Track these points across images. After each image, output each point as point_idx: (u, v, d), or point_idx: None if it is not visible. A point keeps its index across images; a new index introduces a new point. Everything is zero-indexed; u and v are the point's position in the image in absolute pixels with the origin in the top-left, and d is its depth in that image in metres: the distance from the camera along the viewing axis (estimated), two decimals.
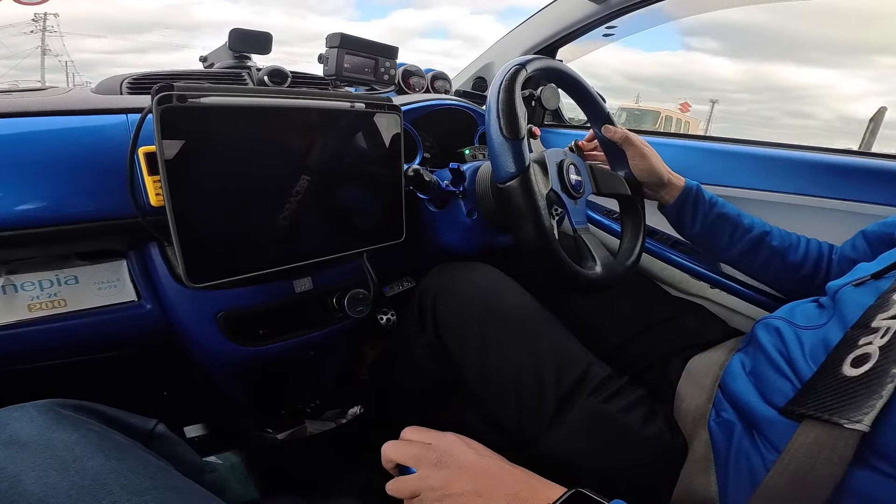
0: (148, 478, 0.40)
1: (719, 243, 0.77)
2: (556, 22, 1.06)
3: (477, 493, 0.43)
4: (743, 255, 0.76)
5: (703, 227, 0.76)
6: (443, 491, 0.44)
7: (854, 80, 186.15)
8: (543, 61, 0.67)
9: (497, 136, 0.57)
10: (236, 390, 0.75)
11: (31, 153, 0.54)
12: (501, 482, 0.44)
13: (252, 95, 0.56)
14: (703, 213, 0.75)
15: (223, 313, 0.64)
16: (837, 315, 0.53)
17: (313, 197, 0.62)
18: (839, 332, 0.48)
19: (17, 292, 0.58)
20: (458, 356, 0.66)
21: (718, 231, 0.76)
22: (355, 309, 0.70)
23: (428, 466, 0.46)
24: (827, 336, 0.50)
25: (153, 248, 0.62)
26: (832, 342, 0.48)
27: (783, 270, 0.75)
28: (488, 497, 0.43)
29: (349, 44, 0.67)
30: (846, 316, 0.50)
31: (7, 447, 0.38)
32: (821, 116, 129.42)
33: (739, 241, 0.75)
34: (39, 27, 38.03)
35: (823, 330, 0.52)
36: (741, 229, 0.75)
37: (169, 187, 0.50)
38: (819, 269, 0.73)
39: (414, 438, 0.50)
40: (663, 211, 0.79)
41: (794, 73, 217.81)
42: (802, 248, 0.74)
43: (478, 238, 0.76)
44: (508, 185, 0.57)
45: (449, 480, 0.45)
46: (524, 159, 0.57)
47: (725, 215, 0.75)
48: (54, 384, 0.58)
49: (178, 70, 0.77)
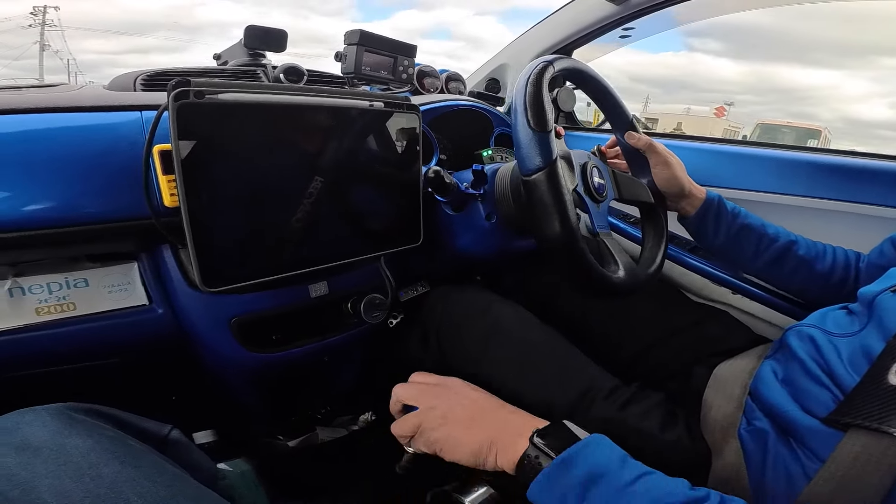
0: (164, 486, 0.39)
1: (744, 255, 0.76)
2: (572, 23, 1.05)
3: (471, 419, 0.49)
4: (769, 265, 0.75)
5: (726, 238, 0.75)
6: (442, 420, 0.50)
7: (857, 81, 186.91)
8: (570, 62, 0.66)
9: (524, 129, 0.56)
10: (248, 397, 0.73)
11: (41, 150, 0.52)
12: (496, 413, 0.50)
13: (270, 92, 0.54)
14: (727, 224, 0.75)
15: (237, 319, 0.62)
16: (875, 322, 0.52)
17: (330, 199, 0.61)
18: (879, 340, 0.48)
19: (24, 295, 0.56)
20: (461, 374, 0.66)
21: (743, 242, 0.75)
22: (371, 314, 0.68)
23: (430, 398, 0.52)
24: (865, 344, 0.49)
25: (166, 251, 0.60)
26: (872, 350, 0.47)
27: (810, 280, 0.74)
28: (481, 424, 0.49)
29: (369, 41, 0.66)
30: (886, 323, 0.49)
31: (19, 452, 0.37)
32: (823, 118, 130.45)
33: (765, 252, 0.74)
34: (38, 21, 35.08)
35: (860, 338, 0.51)
36: (766, 240, 0.74)
37: (185, 187, 0.48)
38: (847, 277, 0.72)
39: (421, 381, 0.56)
40: (684, 223, 0.78)
41: (797, 74, 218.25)
42: (830, 258, 0.73)
43: (496, 242, 0.75)
44: (534, 178, 0.55)
45: (449, 410, 0.50)
46: (552, 152, 0.56)
47: (749, 226, 0.75)
48: (63, 389, 0.56)
49: (193, 67, 0.76)
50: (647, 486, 0.40)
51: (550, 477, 0.42)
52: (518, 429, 0.46)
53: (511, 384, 0.61)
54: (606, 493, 0.39)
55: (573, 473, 0.41)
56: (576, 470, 0.41)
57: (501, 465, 0.46)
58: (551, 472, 0.42)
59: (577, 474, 0.41)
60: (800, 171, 0.87)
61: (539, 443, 0.44)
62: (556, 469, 0.42)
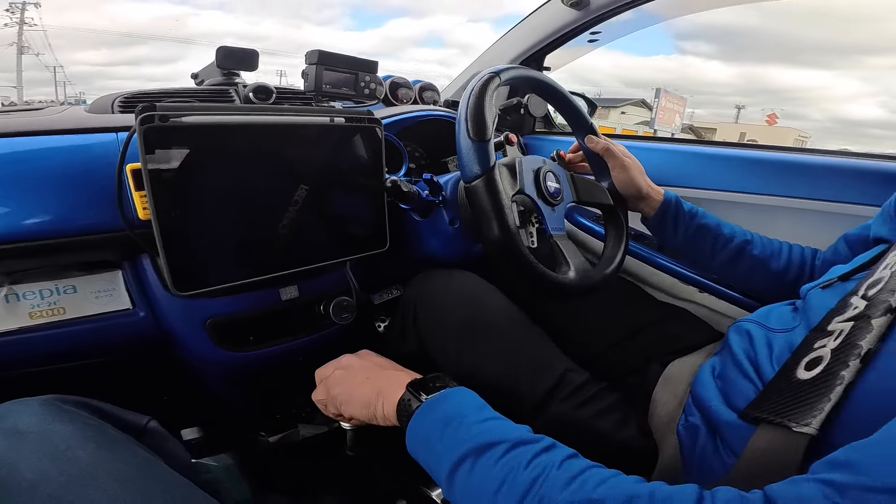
0: (135, 468, 0.43)
1: (701, 255, 0.77)
2: (540, 30, 1.08)
3: (366, 377, 0.55)
4: (725, 265, 0.76)
5: (684, 238, 0.76)
6: (341, 378, 0.57)
7: (846, 80, 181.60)
8: (518, 70, 0.68)
9: (464, 139, 0.59)
10: (229, 394, 0.78)
11: (31, 170, 0.58)
12: (387, 372, 0.56)
13: (233, 113, 0.59)
14: (684, 224, 0.76)
15: (212, 320, 0.67)
16: (804, 318, 0.53)
17: (297, 208, 0.65)
18: (804, 334, 0.49)
19: (18, 301, 0.61)
20: (440, 364, 0.67)
21: (700, 242, 0.76)
22: (340, 316, 0.73)
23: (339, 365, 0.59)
24: (793, 339, 0.50)
25: (145, 259, 0.65)
26: (796, 344, 0.48)
27: (767, 278, 0.75)
28: (373, 380, 0.54)
29: (327, 59, 0.70)
30: (811, 319, 0.50)
31: (7, 436, 0.42)
32: (813, 117, 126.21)
33: (721, 252, 0.75)
34: (15, 20, 29.59)
35: (793, 333, 0.52)
36: (722, 239, 0.75)
37: (154, 202, 0.53)
38: (802, 274, 0.73)
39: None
40: (646, 223, 0.80)
41: (786, 74, 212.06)
42: (785, 255, 0.74)
43: (460, 246, 0.78)
44: (474, 185, 0.59)
45: (347, 371, 0.57)
46: (489, 160, 0.59)
47: (706, 226, 0.76)
48: (56, 388, 0.61)
49: (167, 88, 0.81)
50: (494, 426, 0.43)
51: (417, 419, 0.46)
52: (402, 381, 0.51)
53: (482, 376, 0.62)
54: (459, 430, 0.43)
55: (434, 417, 0.45)
56: (436, 413, 0.45)
57: (387, 414, 0.50)
58: (418, 415, 0.46)
59: (437, 417, 0.45)
60: (757, 169, 0.88)
61: (411, 389, 0.49)
62: (422, 412, 0.46)
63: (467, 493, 0.40)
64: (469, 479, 0.40)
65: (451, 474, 0.41)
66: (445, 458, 0.42)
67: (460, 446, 0.41)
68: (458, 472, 0.40)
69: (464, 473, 0.40)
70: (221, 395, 0.78)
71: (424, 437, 0.45)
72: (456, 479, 0.41)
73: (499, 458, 0.40)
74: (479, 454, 0.40)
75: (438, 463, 0.43)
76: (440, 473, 0.42)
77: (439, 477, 0.43)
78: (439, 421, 0.44)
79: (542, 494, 0.36)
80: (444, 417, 0.44)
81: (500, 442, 0.41)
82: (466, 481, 0.40)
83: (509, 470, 0.38)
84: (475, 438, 0.41)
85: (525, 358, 0.63)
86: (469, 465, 0.40)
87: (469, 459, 0.40)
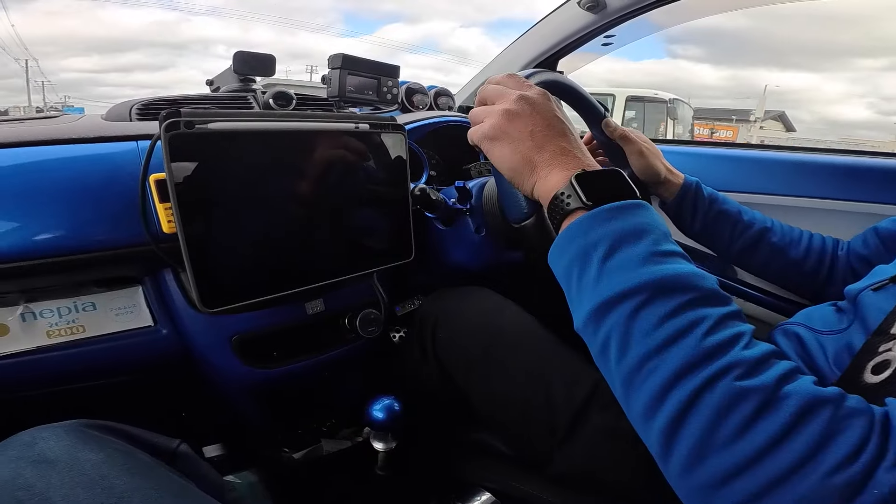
0: (172, 495, 0.41)
1: (720, 241, 0.75)
2: (555, 33, 1.07)
3: (531, 135, 0.44)
4: (743, 252, 0.74)
5: (703, 224, 0.75)
6: (505, 120, 0.45)
7: (835, 83, 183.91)
8: (538, 76, 0.67)
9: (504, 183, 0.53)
10: (253, 411, 0.76)
11: (45, 182, 0.55)
12: (556, 139, 0.44)
13: (258, 120, 0.57)
14: (703, 210, 0.74)
15: (238, 336, 0.64)
16: (859, 320, 0.52)
17: (322, 219, 0.63)
18: (862, 338, 0.47)
19: (36, 319, 0.59)
20: (462, 383, 0.66)
21: (719, 228, 0.74)
22: (367, 329, 0.71)
23: (507, 102, 0.46)
24: (850, 341, 0.49)
25: (168, 274, 0.63)
26: (855, 347, 0.47)
27: (786, 267, 0.73)
28: (540, 143, 0.44)
29: (351, 64, 0.68)
30: (868, 321, 0.49)
31: (35, 466, 0.40)
32: (802, 119, 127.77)
33: (739, 239, 0.73)
34: None
35: (846, 335, 0.51)
36: (741, 226, 0.73)
37: (180, 214, 0.51)
38: (822, 264, 0.71)
39: (509, 81, 0.50)
40: (664, 208, 0.78)
41: (776, 77, 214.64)
42: (805, 244, 0.73)
43: (487, 255, 0.76)
44: (524, 226, 0.54)
45: (519, 111, 0.45)
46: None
47: (726, 212, 0.74)
48: (76, 407, 0.59)
49: (185, 95, 0.79)
50: (680, 266, 0.36)
51: (574, 229, 0.39)
52: (568, 165, 0.42)
53: (512, 393, 0.61)
54: (633, 255, 0.36)
55: (599, 232, 0.37)
56: (620, 222, 0.37)
57: (538, 195, 0.44)
58: (579, 224, 0.38)
59: (606, 232, 0.37)
60: (787, 170, 0.88)
61: (576, 185, 0.40)
62: (588, 221, 0.38)
63: (623, 333, 0.34)
64: (631, 320, 0.34)
65: (609, 307, 0.35)
66: (603, 288, 0.35)
67: (631, 277, 0.35)
68: (619, 306, 0.34)
69: (624, 310, 0.34)
70: (244, 411, 0.75)
71: (585, 246, 0.38)
72: (611, 314, 0.35)
73: (680, 307, 0.33)
74: (656, 294, 0.34)
75: (588, 289, 0.37)
76: (586, 298, 0.37)
77: (581, 302, 0.37)
78: (608, 236, 0.37)
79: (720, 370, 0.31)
80: (622, 231, 0.37)
81: (687, 288, 0.34)
82: (626, 321, 0.34)
83: (688, 326, 0.33)
84: (654, 272, 0.34)
85: (555, 369, 0.61)
86: (637, 302, 0.34)
87: (639, 296, 0.34)
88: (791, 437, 0.29)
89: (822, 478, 0.28)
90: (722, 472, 0.30)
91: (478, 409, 0.65)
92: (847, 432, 0.29)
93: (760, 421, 0.30)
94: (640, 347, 0.33)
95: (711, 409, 0.30)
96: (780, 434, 0.29)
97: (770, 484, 0.28)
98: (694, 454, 0.31)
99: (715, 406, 0.30)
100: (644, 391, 0.33)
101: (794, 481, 0.28)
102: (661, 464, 0.33)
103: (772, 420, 0.29)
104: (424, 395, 0.73)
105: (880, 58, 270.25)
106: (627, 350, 0.34)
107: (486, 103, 0.49)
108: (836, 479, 0.27)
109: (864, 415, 0.30)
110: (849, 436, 0.29)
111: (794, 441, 0.29)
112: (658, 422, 0.32)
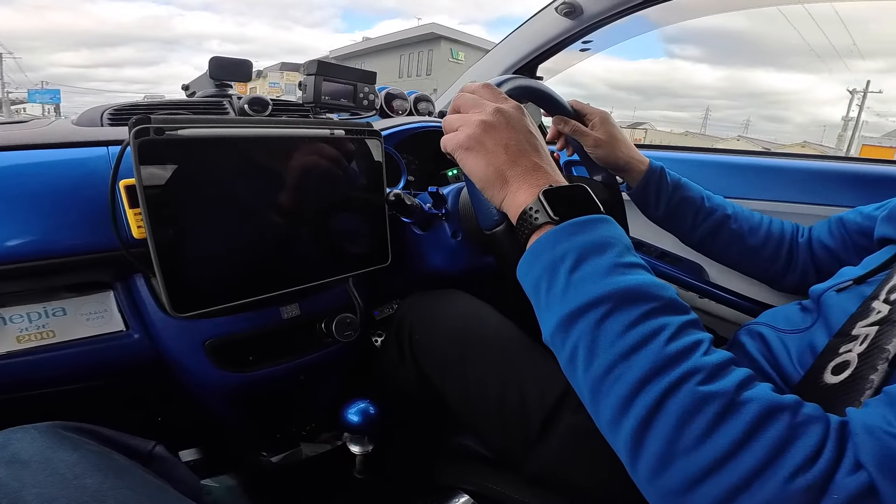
0: (145, 496, 0.41)
1: (683, 226, 0.76)
2: (533, 39, 1.09)
3: (506, 148, 0.45)
4: (705, 238, 0.75)
5: (666, 209, 0.75)
6: (479, 131, 0.45)
7: (829, 84, 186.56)
8: (513, 82, 0.67)
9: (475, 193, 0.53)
10: (229, 415, 0.75)
11: (15, 187, 0.55)
12: (528, 154, 0.45)
13: (230, 126, 0.57)
14: (667, 195, 0.75)
15: (211, 341, 0.64)
16: (822, 320, 0.53)
17: (296, 224, 0.63)
18: (825, 338, 0.49)
19: (5, 325, 0.58)
20: (439, 385, 0.66)
21: (682, 214, 0.75)
22: (343, 333, 0.71)
23: (482, 113, 0.46)
24: (813, 341, 0.50)
25: (139, 279, 0.62)
26: (818, 347, 0.48)
27: (744, 252, 0.74)
28: (514, 158, 0.44)
29: (327, 70, 0.68)
30: (831, 322, 0.50)
31: (9, 466, 0.40)
32: (795, 121, 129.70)
33: (701, 225, 0.74)
34: None
35: (809, 334, 0.52)
36: (703, 212, 0.74)
37: (150, 220, 0.51)
38: (780, 249, 0.73)
39: (485, 92, 0.50)
40: (630, 194, 0.78)
41: (771, 78, 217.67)
42: (764, 230, 0.74)
43: (464, 259, 0.77)
44: (495, 233, 0.54)
45: (490, 126, 0.45)
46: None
47: (689, 198, 0.75)
48: (50, 411, 0.58)
49: (159, 100, 0.79)
50: (643, 276, 0.37)
51: (543, 242, 0.40)
52: (536, 182, 0.43)
53: (487, 394, 0.61)
54: (598, 267, 0.37)
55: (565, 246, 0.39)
56: (572, 241, 0.39)
57: (507, 209, 0.44)
58: (547, 238, 0.39)
59: (571, 246, 0.38)
60: (767, 176, 0.89)
61: (544, 201, 0.41)
62: (554, 235, 0.39)
63: (590, 342, 0.35)
64: (597, 329, 0.35)
65: (576, 316, 0.36)
66: (570, 299, 0.37)
67: (596, 288, 0.36)
68: (586, 316, 0.36)
69: (590, 320, 0.35)
70: (221, 415, 0.75)
71: (547, 264, 0.39)
72: (578, 324, 0.36)
73: (643, 316, 0.35)
74: (620, 304, 0.35)
75: (556, 300, 0.38)
76: (554, 310, 0.38)
77: (549, 313, 0.38)
78: (574, 249, 0.38)
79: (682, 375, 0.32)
80: (587, 244, 0.38)
81: (649, 297, 0.36)
82: (592, 330, 0.35)
83: (651, 333, 0.34)
84: (618, 282, 0.36)
85: (529, 371, 0.62)
86: (602, 312, 0.35)
87: (604, 306, 0.35)
88: (752, 442, 0.30)
89: (783, 482, 0.28)
90: (688, 477, 0.31)
91: (454, 410, 0.66)
92: (804, 438, 0.30)
93: (723, 425, 0.30)
94: (606, 355, 0.34)
95: (676, 414, 0.31)
96: (741, 438, 0.30)
97: (734, 489, 0.29)
98: (661, 459, 0.32)
99: (679, 411, 0.31)
100: (611, 397, 0.34)
101: (757, 486, 0.29)
102: (631, 470, 0.34)
103: (733, 424, 0.30)
104: (402, 397, 0.74)
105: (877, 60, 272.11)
106: (594, 358, 0.35)
107: (460, 111, 0.50)
108: (796, 484, 0.28)
109: (819, 421, 0.31)
110: (806, 441, 0.30)
111: (754, 445, 0.30)
112: (625, 427, 0.33)
